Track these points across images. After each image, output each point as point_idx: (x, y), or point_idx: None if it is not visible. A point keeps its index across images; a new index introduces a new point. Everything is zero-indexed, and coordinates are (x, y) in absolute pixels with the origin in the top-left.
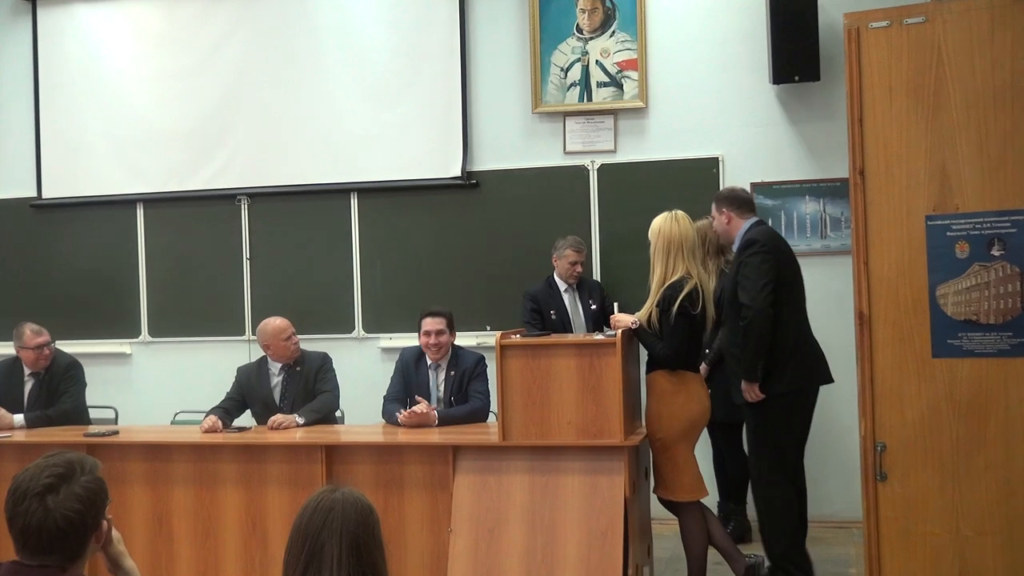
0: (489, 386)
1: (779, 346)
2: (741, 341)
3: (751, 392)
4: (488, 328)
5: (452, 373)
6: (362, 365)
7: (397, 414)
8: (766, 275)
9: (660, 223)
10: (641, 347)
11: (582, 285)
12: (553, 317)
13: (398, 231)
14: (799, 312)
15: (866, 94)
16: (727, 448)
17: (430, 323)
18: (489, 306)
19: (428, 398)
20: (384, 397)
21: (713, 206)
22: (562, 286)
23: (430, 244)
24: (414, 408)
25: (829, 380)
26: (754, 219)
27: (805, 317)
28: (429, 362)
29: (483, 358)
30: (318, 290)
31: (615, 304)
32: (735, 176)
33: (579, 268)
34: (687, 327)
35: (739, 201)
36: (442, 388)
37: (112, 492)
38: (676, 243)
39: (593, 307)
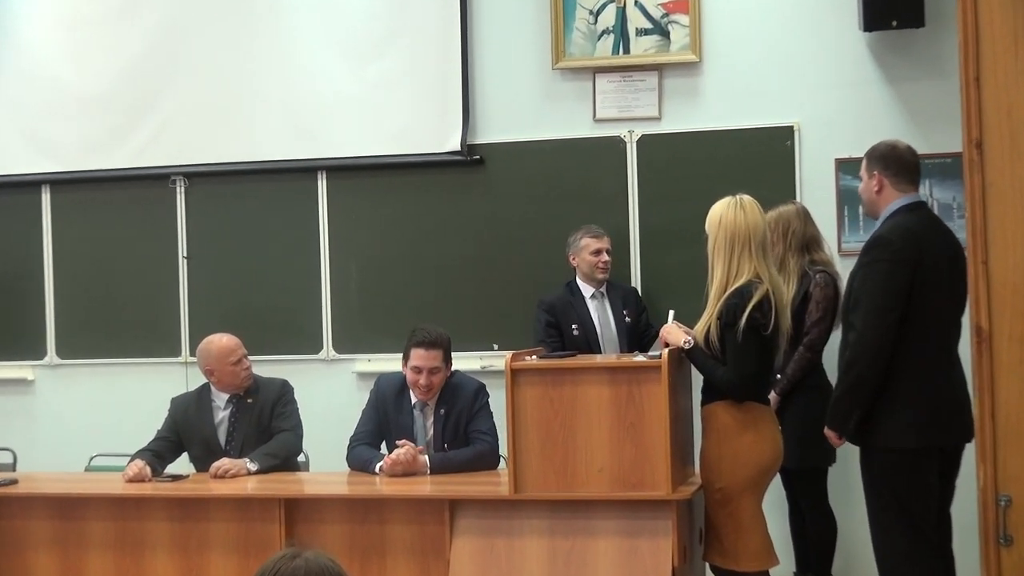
0: (496, 422)
1: (895, 390)
2: (840, 374)
3: (832, 438)
4: (495, 347)
5: (443, 412)
6: (332, 395)
7: (377, 465)
8: (892, 297)
9: (720, 212)
10: (695, 371)
11: (613, 290)
12: (576, 333)
13: (379, 222)
14: (942, 349)
15: (984, 45)
16: (806, 502)
17: (422, 357)
18: (497, 319)
19: (412, 441)
20: (350, 439)
21: (863, 164)
22: (587, 291)
23: (420, 239)
24: (397, 452)
25: (966, 437)
26: (911, 198)
27: (948, 356)
28: (414, 399)
29: (483, 388)
30: (276, 298)
31: (671, 313)
32: (815, 150)
33: (607, 257)
34: (757, 346)
35: (899, 165)
36: (431, 431)
37: (8, 559)
38: (742, 237)
39: (628, 319)
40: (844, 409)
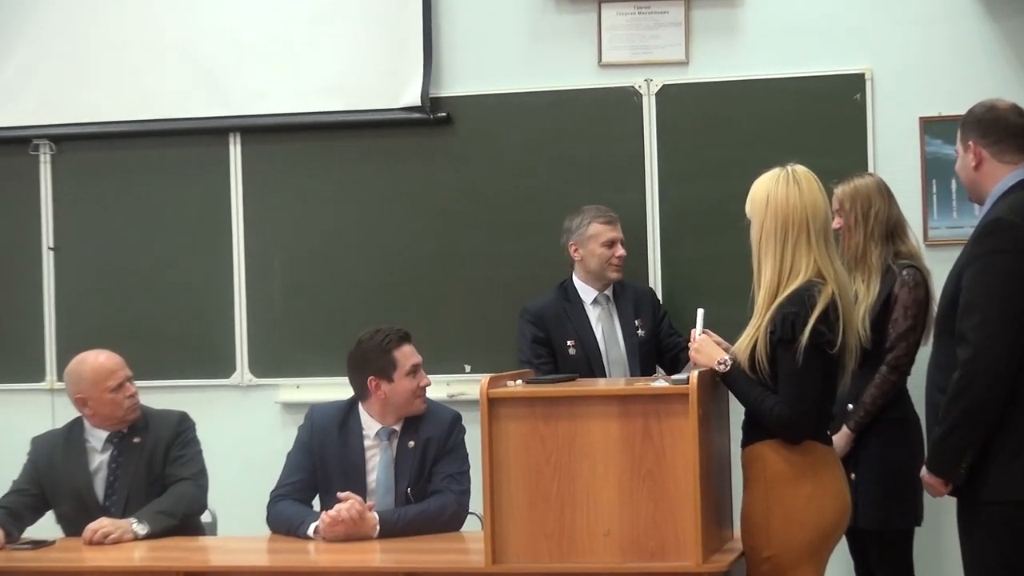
0: (471, 467)
1: (1014, 424)
2: (947, 402)
3: (936, 486)
4: (467, 369)
5: (412, 445)
6: (248, 432)
7: (310, 527)
8: (1015, 297)
9: (768, 189)
10: (734, 401)
11: (622, 294)
12: (572, 351)
13: (311, 202)
14: None
15: None
16: (883, 570)
17: (410, 354)
18: (470, 331)
19: (362, 490)
20: (273, 493)
21: (958, 136)
22: (587, 294)
23: (367, 224)
24: (339, 508)
25: None
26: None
27: None
28: (372, 426)
29: (460, 418)
30: (172, 303)
31: (699, 314)
32: (892, 105)
33: (622, 251)
34: (820, 369)
35: (1000, 130)
36: (393, 470)
37: None
38: (797, 221)
39: (641, 332)
40: (955, 448)
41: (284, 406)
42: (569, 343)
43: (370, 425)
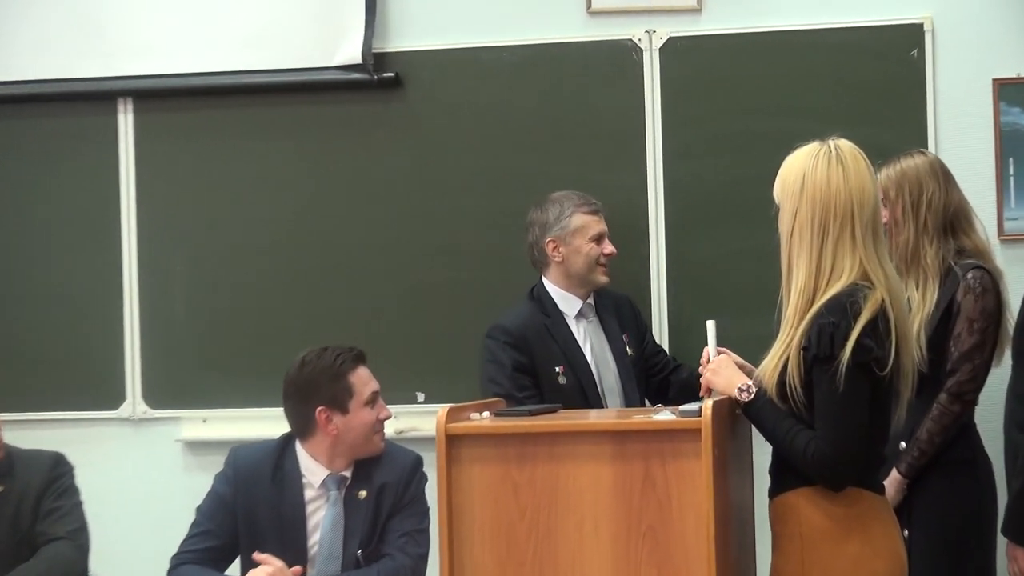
0: (431, 522)
1: None
2: None
3: (1020, 560)
4: (420, 398)
5: (364, 494)
6: (142, 477)
7: None
8: None
9: (803, 169)
10: (758, 437)
11: (600, 303)
12: (563, 380)
13: (222, 185)
14: None
15: None
16: None
17: (368, 379)
18: (423, 351)
19: (301, 556)
20: (174, 558)
21: None
22: (569, 306)
23: (294, 214)
24: (253, 575)
25: None
26: None
27: None
28: (315, 472)
29: (421, 463)
30: (45, 315)
31: (710, 326)
32: (958, 63)
33: (612, 248)
34: (867, 394)
35: None
36: (343, 529)
37: None
38: (840, 210)
39: (630, 351)
40: None
41: (188, 445)
42: (558, 369)
43: (313, 471)
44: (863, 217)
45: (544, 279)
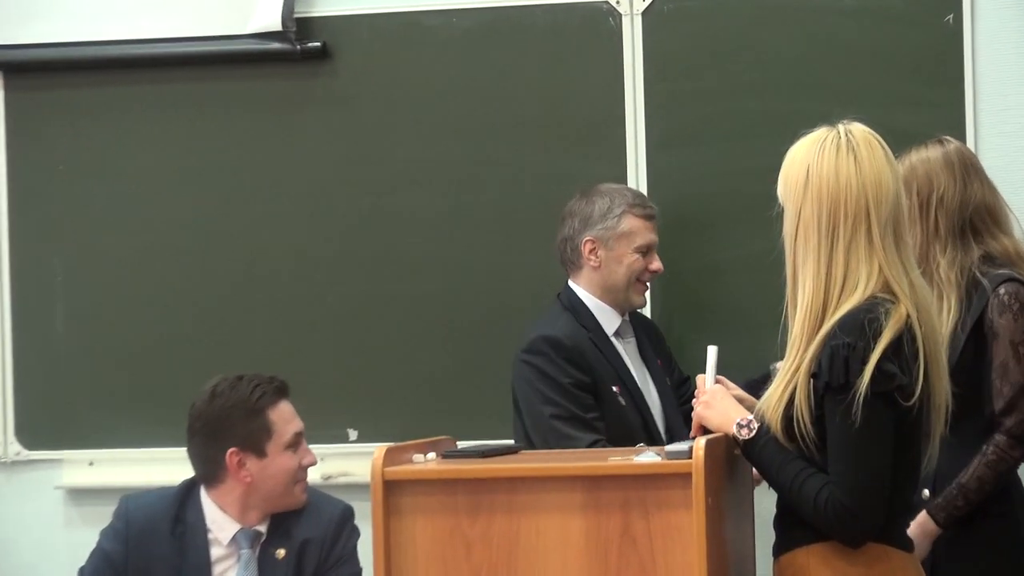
0: None
1: None
2: None
3: None
4: (352, 435)
5: (282, 553)
6: (14, 529)
7: None
8: None
9: (809, 159)
10: (760, 480)
11: (632, 321)
12: (622, 400)
13: (114, 176)
14: None
15: None
16: None
17: (290, 417)
18: (356, 378)
19: None
20: None
21: None
22: (608, 321)
23: (201, 211)
24: None
25: None
26: None
27: None
28: (224, 526)
29: (351, 515)
30: None
31: (710, 352)
32: (1002, 30)
33: (659, 265)
34: (891, 430)
35: None
36: None
37: None
38: (852, 208)
39: (667, 379)
40: None
41: (70, 493)
42: (615, 389)
43: (221, 524)
44: (880, 215)
45: (574, 284)
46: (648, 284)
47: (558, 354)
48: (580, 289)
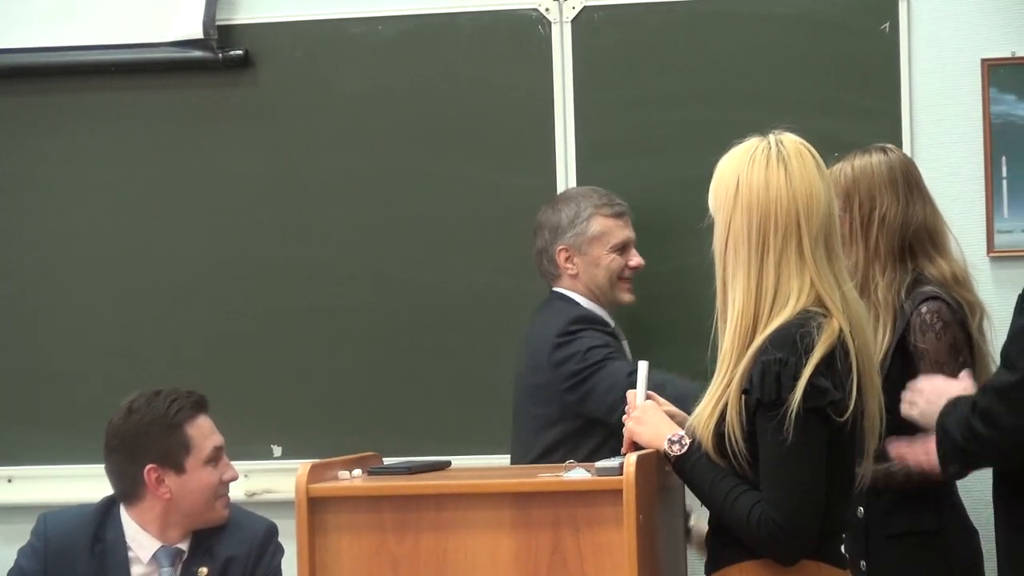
0: None
1: None
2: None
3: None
4: (276, 452)
5: (206, 572)
6: None
7: None
8: None
9: (739, 169)
10: (692, 498)
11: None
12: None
13: (25, 185)
14: None
15: None
16: None
17: (209, 432)
18: (279, 393)
19: None
20: None
21: None
22: (608, 322)
23: (117, 222)
24: None
25: None
26: None
27: None
28: (144, 544)
29: (275, 532)
30: None
31: (641, 367)
32: (938, 39)
33: (639, 259)
34: (823, 446)
35: None
36: None
37: None
38: (782, 219)
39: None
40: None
41: None
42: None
43: (141, 542)
44: (812, 228)
45: (561, 289)
46: (631, 281)
47: (601, 329)
48: (569, 292)
